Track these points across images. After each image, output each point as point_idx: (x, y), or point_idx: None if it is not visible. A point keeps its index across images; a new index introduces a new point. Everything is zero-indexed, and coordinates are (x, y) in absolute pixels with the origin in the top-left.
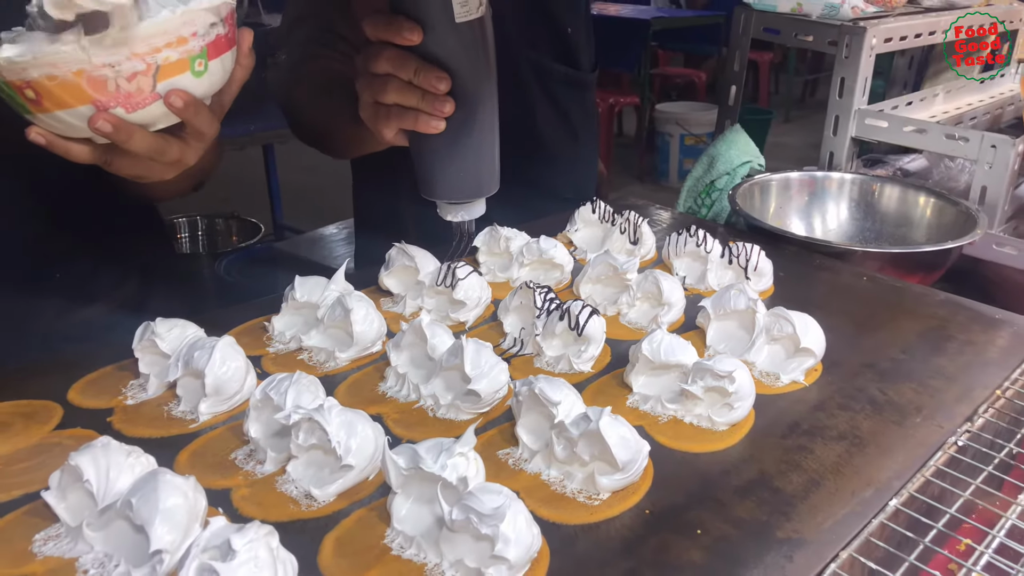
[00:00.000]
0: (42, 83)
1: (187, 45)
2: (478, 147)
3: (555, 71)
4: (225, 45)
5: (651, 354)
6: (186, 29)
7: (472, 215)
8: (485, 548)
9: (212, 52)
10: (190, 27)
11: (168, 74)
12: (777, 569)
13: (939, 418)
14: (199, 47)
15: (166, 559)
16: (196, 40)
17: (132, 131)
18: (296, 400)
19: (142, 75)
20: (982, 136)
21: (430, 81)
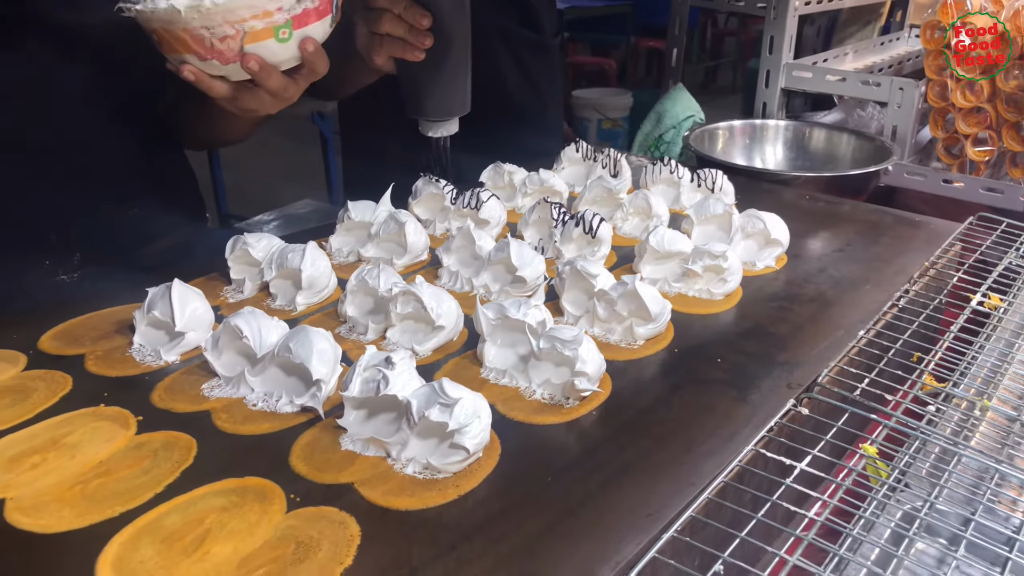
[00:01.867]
0: (161, 33)
1: (272, 17)
2: (453, 74)
3: (521, 36)
4: (314, 16)
5: (657, 244)
6: (271, 4)
7: (448, 132)
8: (567, 367)
9: (297, 23)
10: (275, 3)
11: (254, 39)
12: (783, 380)
13: (884, 286)
14: (284, 19)
15: (323, 387)
16: (281, 13)
17: (272, 70)
18: (386, 281)
19: (231, 39)
20: (891, 80)
21: (415, 17)
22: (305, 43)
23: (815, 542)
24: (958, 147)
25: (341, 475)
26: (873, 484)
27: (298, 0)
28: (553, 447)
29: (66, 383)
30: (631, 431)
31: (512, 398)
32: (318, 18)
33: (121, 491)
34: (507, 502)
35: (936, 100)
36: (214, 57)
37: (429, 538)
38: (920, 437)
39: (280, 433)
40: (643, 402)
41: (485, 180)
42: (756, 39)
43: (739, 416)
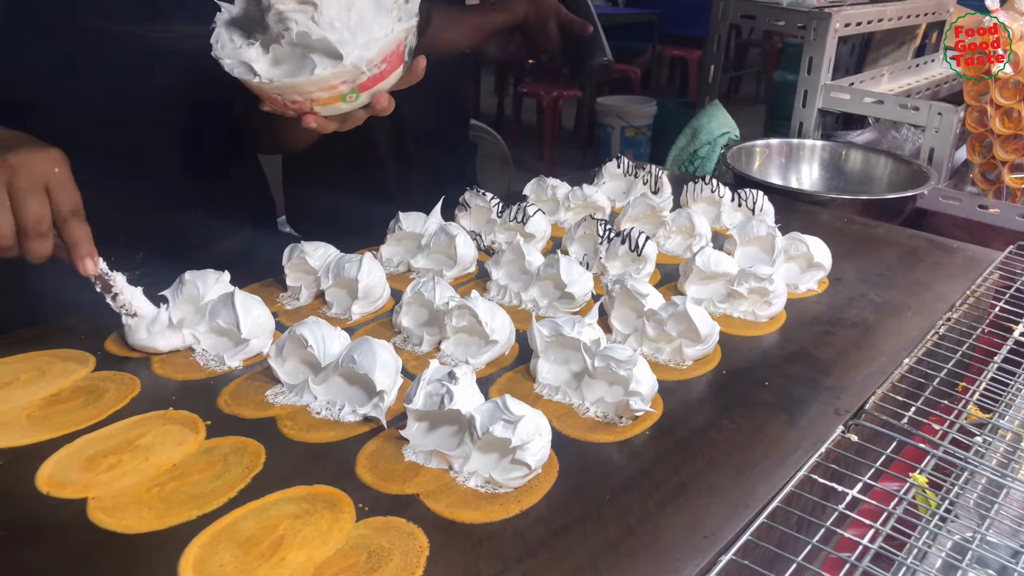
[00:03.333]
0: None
1: (336, 89)
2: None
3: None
4: (378, 79)
5: (703, 265)
6: (336, 80)
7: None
8: (620, 387)
9: (363, 87)
10: (339, 78)
11: (321, 104)
12: (830, 405)
13: (925, 312)
14: (349, 88)
15: (386, 397)
16: (345, 86)
17: (392, 100)
18: (442, 294)
19: (301, 103)
20: (930, 105)
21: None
22: (379, 100)
23: (869, 570)
24: (995, 173)
25: (406, 486)
26: (922, 513)
27: (363, 71)
28: (609, 465)
29: (135, 385)
30: (684, 451)
31: (567, 415)
32: (385, 77)
33: (196, 495)
34: (568, 519)
35: (974, 126)
36: (290, 111)
37: (495, 552)
38: (969, 468)
39: (344, 442)
40: (694, 423)
41: (529, 194)
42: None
43: (789, 440)
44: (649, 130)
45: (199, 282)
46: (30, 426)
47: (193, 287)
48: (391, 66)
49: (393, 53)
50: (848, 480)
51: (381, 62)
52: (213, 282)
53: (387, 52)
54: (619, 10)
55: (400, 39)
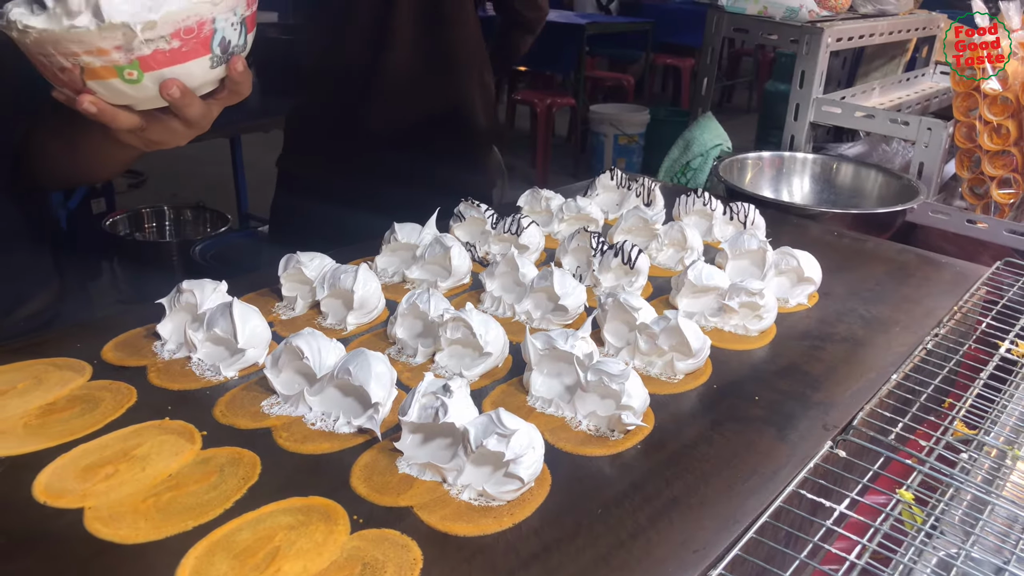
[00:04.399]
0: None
1: (109, 56)
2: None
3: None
4: (168, 61)
5: (695, 279)
6: (105, 43)
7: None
8: (612, 401)
9: (146, 64)
10: (109, 41)
11: (93, 76)
12: (819, 420)
13: (913, 328)
14: (126, 60)
15: (381, 409)
16: (120, 53)
17: (193, 97)
18: (436, 306)
19: (69, 71)
20: (920, 120)
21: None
22: (167, 85)
23: None
24: (983, 188)
25: (400, 498)
26: (908, 529)
27: (146, 41)
28: (601, 479)
29: (131, 395)
30: (675, 466)
31: (559, 428)
32: (178, 61)
33: (192, 505)
34: (560, 532)
35: (963, 141)
36: (65, 88)
37: (488, 565)
38: (955, 484)
39: (339, 453)
40: (686, 437)
41: (523, 205)
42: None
43: (778, 455)
44: (642, 138)
45: (196, 291)
46: (26, 435)
47: (190, 295)
48: (190, 50)
49: (191, 32)
50: (835, 495)
51: (171, 36)
52: (211, 291)
53: (179, 25)
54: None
55: (202, 15)
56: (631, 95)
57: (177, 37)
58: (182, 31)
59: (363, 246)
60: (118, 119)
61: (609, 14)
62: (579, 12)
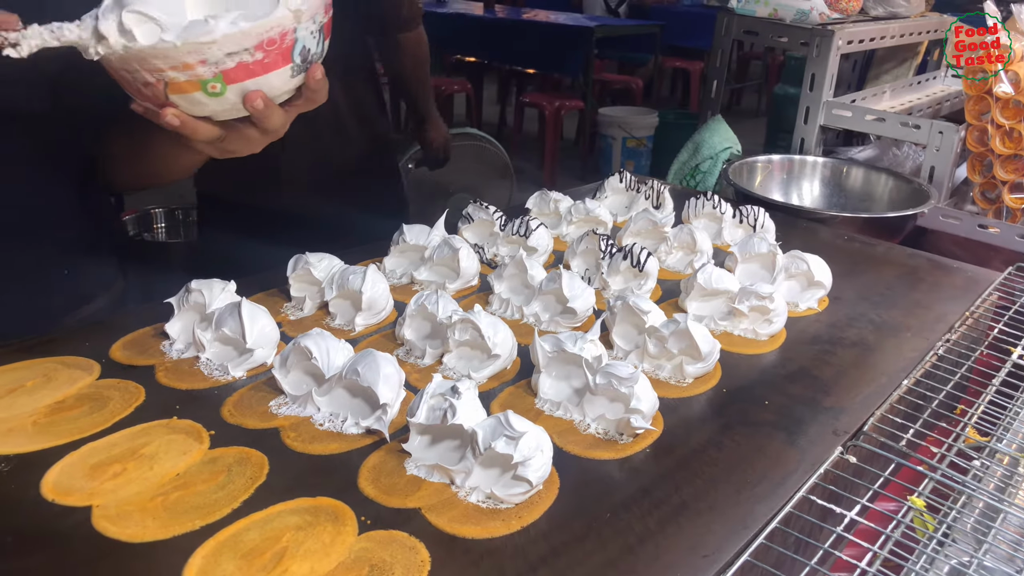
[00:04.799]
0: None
1: (194, 71)
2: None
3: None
4: (251, 72)
5: (704, 282)
6: (190, 57)
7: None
8: (621, 404)
9: (230, 77)
10: (195, 56)
11: (178, 91)
12: (829, 426)
13: (924, 333)
14: (210, 72)
15: (389, 410)
16: (205, 67)
17: (274, 107)
18: (445, 308)
19: (153, 87)
20: (931, 124)
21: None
22: (250, 97)
23: None
24: (995, 192)
25: (408, 500)
26: (920, 536)
27: (229, 54)
28: (609, 483)
29: (139, 393)
30: (685, 470)
31: (567, 431)
32: (260, 73)
33: (200, 504)
34: (569, 535)
35: (975, 145)
36: (147, 102)
37: (496, 568)
38: (967, 492)
39: (347, 454)
40: (695, 441)
41: (531, 207)
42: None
43: (788, 460)
44: (650, 141)
45: (205, 290)
46: (35, 433)
47: (199, 295)
48: (271, 61)
49: (273, 43)
50: (846, 502)
51: (255, 48)
52: (219, 291)
53: (263, 36)
54: (621, 21)
55: (285, 26)
56: (640, 98)
57: (260, 49)
58: (265, 43)
59: (371, 247)
60: (199, 131)
61: (618, 17)
62: (588, 15)
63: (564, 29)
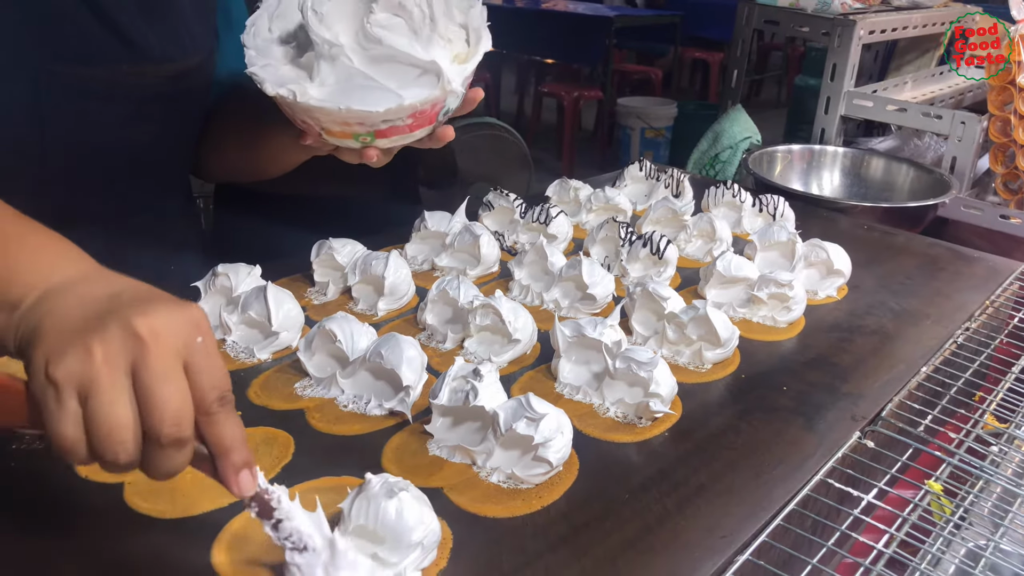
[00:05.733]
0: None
1: (351, 127)
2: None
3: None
4: (404, 130)
5: (723, 270)
6: (351, 118)
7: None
8: (640, 388)
9: (380, 135)
10: (356, 119)
11: (330, 135)
12: (847, 411)
13: (944, 321)
14: (365, 131)
15: (412, 392)
16: (362, 128)
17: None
18: (466, 293)
19: (309, 126)
20: (953, 114)
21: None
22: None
23: (883, 573)
24: (1017, 183)
25: (431, 479)
26: (937, 520)
27: (385, 120)
28: (628, 465)
29: None
30: (702, 453)
31: (587, 415)
32: (410, 131)
33: None
34: (588, 516)
35: (998, 135)
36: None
37: (518, 546)
38: (984, 476)
39: (371, 435)
40: (713, 426)
41: (551, 195)
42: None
43: (806, 444)
44: (669, 132)
45: (231, 274)
46: None
47: (225, 279)
48: (418, 124)
49: (425, 113)
50: (864, 485)
51: (408, 116)
52: (245, 275)
53: (417, 109)
54: (641, 11)
55: (438, 99)
56: (659, 89)
57: (412, 117)
58: (418, 113)
59: (393, 234)
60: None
61: (636, 7)
62: (607, 4)
63: (583, 19)
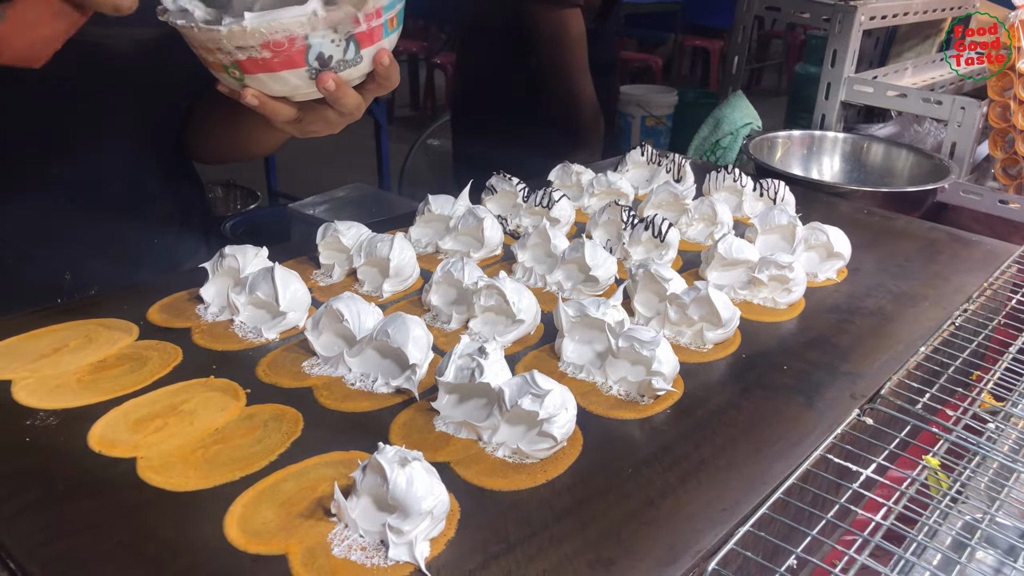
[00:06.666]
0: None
1: (214, 55)
2: None
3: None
4: (259, 67)
5: (724, 252)
6: (210, 44)
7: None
8: (643, 367)
9: (244, 70)
10: (213, 43)
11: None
12: (847, 390)
13: (943, 303)
14: (228, 61)
15: (418, 370)
16: (221, 54)
17: (347, 89)
18: (470, 274)
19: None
20: (953, 100)
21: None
22: (323, 79)
23: (881, 544)
24: (1016, 168)
25: (438, 454)
26: (934, 494)
27: (238, 46)
28: (631, 441)
29: (177, 354)
30: (704, 430)
31: (590, 392)
32: (270, 69)
33: (238, 457)
34: (592, 489)
35: (997, 121)
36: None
37: (523, 518)
38: (981, 452)
39: (378, 412)
40: (714, 403)
41: (554, 180)
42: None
43: (806, 421)
44: (670, 120)
45: (239, 255)
46: (80, 389)
47: (233, 260)
48: (281, 61)
49: (281, 46)
50: (863, 461)
51: (261, 47)
52: (252, 256)
53: (268, 39)
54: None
55: (294, 32)
56: (659, 76)
57: (267, 48)
58: (272, 44)
59: (397, 218)
60: (278, 112)
61: None
62: None
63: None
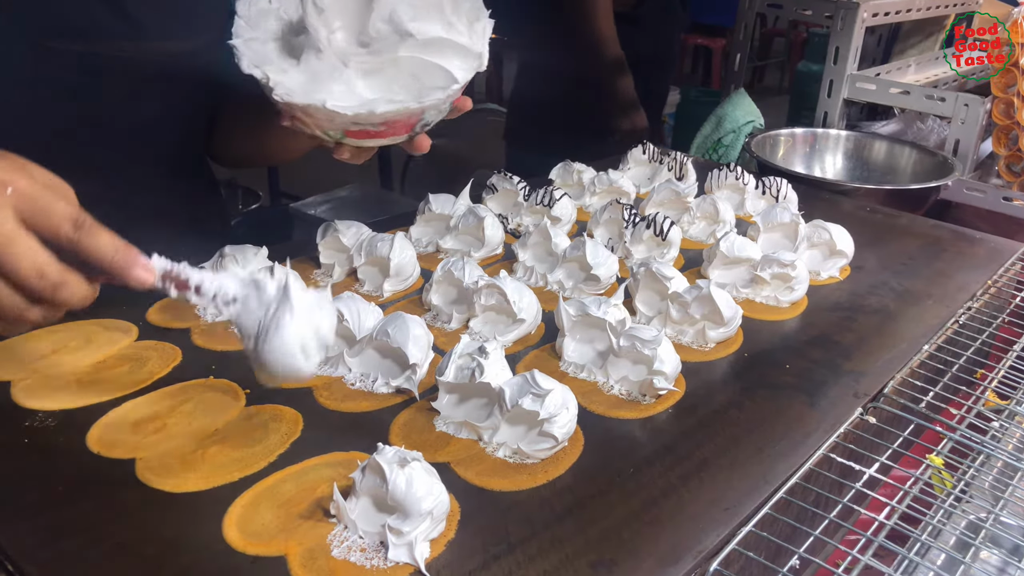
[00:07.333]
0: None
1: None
2: None
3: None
4: (368, 135)
5: (727, 250)
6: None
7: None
8: (644, 366)
9: (349, 135)
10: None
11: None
12: (850, 388)
13: (946, 301)
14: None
15: (418, 370)
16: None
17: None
18: (471, 273)
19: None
20: (956, 96)
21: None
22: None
23: (884, 544)
24: (1020, 165)
25: (438, 454)
26: (938, 493)
27: (355, 123)
28: (633, 440)
29: (176, 354)
30: (706, 429)
31: (591, 392)
32: (383, 136)
33: (238, 458)
34: (593, 489)
35: (1001, 118)
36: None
37: (524, 518)
38: (985, 451)
39: (378, 412)
40: (716, 403)
41: (555, 178)
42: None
43: (809, 420)
44: (672, 118)
45: (238, 255)
46: (79, 390)
47: (232, 260)
48: (392, 131)
49: (398, 122)
50: (866, 460)
51: (380, 123)
52: (252, 256)
53: (388, 119)
54: None
55: (412, 113)
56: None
57: (385, 124)
58: (391, 122)
59: (398, 217)
60: (355, 159)
61: None
62: None
63: None
